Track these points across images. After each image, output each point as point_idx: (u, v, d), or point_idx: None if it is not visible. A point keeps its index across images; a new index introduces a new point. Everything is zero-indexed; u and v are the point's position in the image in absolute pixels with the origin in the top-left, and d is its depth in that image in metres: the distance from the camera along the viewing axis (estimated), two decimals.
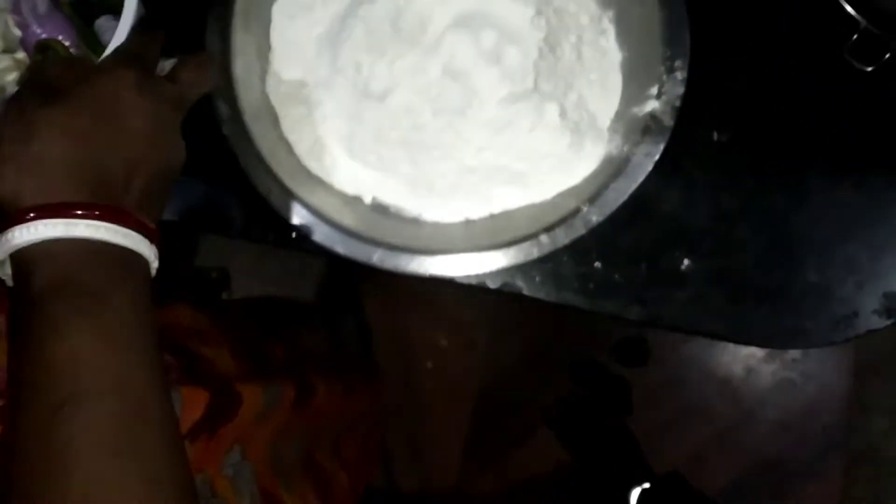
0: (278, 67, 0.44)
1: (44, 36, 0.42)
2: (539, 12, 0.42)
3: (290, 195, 0.42)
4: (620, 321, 0.48)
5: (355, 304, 1.10)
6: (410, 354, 1.09)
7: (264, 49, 0.45)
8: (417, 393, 1.08)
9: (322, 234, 0.42)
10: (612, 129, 0.44)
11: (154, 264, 0.31)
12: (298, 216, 0.41)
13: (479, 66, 0.41)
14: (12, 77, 0.42)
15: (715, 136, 0.46)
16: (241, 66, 0.42)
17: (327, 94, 0.43)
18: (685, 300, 0.45)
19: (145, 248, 0.31)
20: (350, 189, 0.44)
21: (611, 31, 0.45)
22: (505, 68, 0.41)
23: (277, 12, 0.45)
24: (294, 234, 0.43)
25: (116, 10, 0.41)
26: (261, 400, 0.47)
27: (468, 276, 0.43)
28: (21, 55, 0.43)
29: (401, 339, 1.09)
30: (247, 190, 0.42)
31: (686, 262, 0.45)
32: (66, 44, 0.42)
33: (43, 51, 0.42)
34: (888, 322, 0.46)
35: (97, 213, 0.29)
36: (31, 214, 0.28)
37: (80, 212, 0.29)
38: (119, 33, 0.39)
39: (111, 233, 0.29)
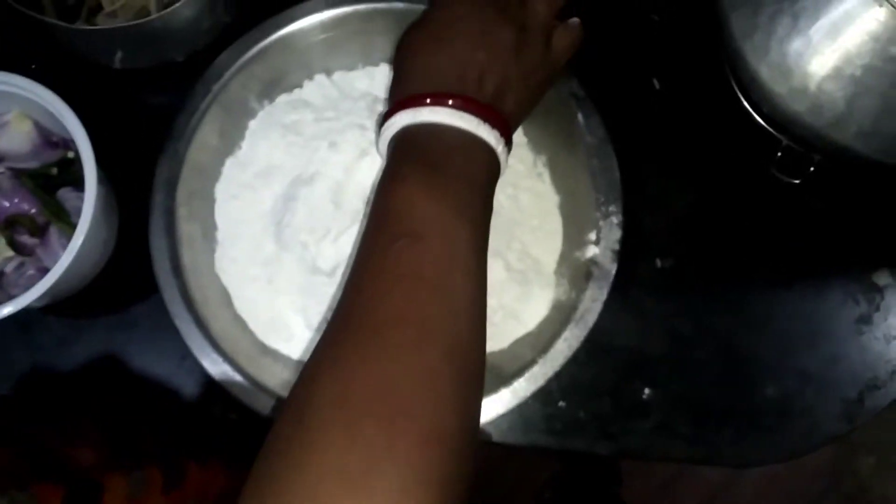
0: (227, 246, 0.45)
1: (11, 210, 0.44)
2: None
3: (247, 377, 0.42)
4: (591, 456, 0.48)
5: None
6: None
7: (210, 229, 0.45)
8: None
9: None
10: (559, 272, 0.45)
11: (498, 148, 0.37)
12: (258, 401, 0.41)
13: None
14: None
15: (658, 263, 0.48)
16: (189, 256, 0.43)
17: (277, 271, 0.44)
18: (650, 429, 0.46)
19: (484, 132, 0.36)
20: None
21: (546, 174, 0.47)
22: None
23: (220, 192, 0.46)
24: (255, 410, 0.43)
25: (75, 183, 0.43)
26: (125, 490, 0.46)
27: None
28: None
29: None
30: (201, 375, 0.42)
31: (647, 391, 0.46)
32: (33, 211, 0.44)
33: (11, 225, 0.44)
34: (850, 427, 0.47)
35: (449, 102, 0.36)
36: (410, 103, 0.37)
37: (428, 101, 0.37)
38: (86, 206, 0.40)
39: (453, 117, 0.36)
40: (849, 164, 0.43)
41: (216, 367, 0.41)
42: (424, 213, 0.34)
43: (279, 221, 0.43)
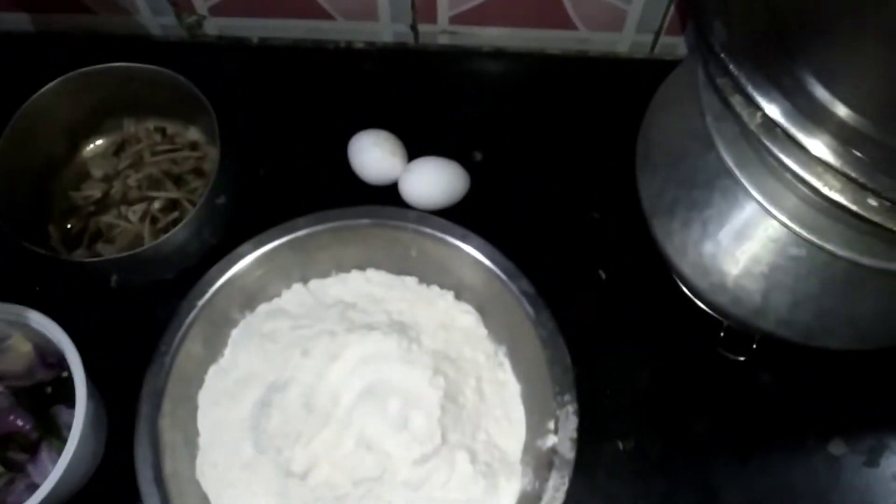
0: (207, 451, 0.47)
1: (7, 428, 0.47)
2: (436, 371, 0.47)
3: None
4: None
5: None
6: None
7: (192, 435, 0.48)
8: None
9: None
10: (524, 461, 0.47)
11: None
12: None
13: (389, 434, 0.45)
14: None
15: (620, 445, 0.50)
16: (171, 463, 0.45)
17: (255, 475, 0.46)
18: None
19: None
20: None
21: (507, 363, 0.50)
22: (413, 432, 0.45)
23: (203, 398, 0.49)
24: None
25: (68, 400, 0.46)
26: None
27: None
28: None
29: None
30: None
31: None
32: (27, 427, 0.47)
33: (5, 442, 0.46)
34: None
35: None
36: None
37: None
38: (76, 422, 0.43)
39: None
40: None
41: None
42: None
43: (256, 426, 0.46)
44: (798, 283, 0.41)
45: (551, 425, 0.46)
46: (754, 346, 0.51)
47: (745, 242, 0.41)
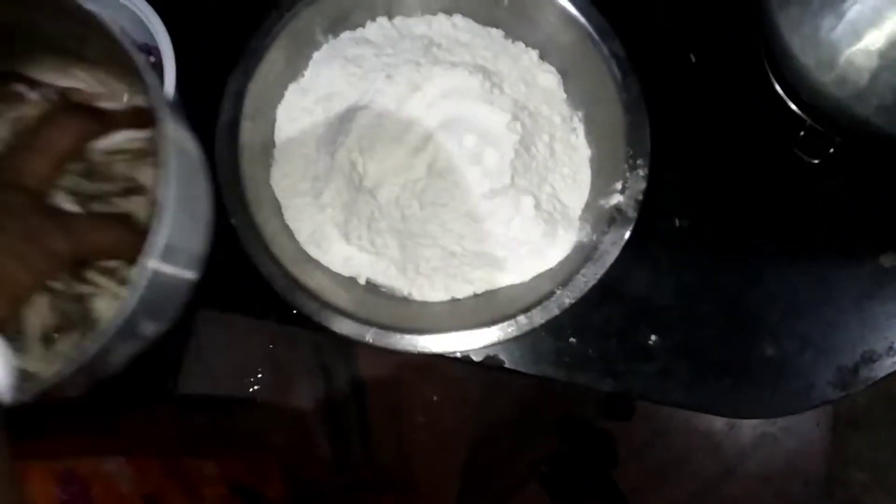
0: (281, 162, 0.49)
1: None
2: (515, 117, 0.47)
3: (291, 279, 0.46)
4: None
5: (349, 358, 1.13)
6: (403, 408, 1.12)
7: (269, 145, 0.49)
8: (409, 446, 1.11)
9: (320, 315, 0.46)
10: (583, 218, 0.48)
11: None
12: (299, 298, 0.45)
13: (461, 166, 0.46)
14: None
15: (677, 222, 0.51)
16: (248, 161, 0.47)
17: (325, 187, 0.48)
18: (653, 373, 0.49)
19: None
20: (345, 271, 0.49)
21: (580, 129, 0.50)
22: (485, 168, 0.46)
23: (281, 113, 0.50)
24: (295, 313, 0.47)
25: None
26: None
27: (454, 352, 0.47)
28: None
29: (394, 393, 1.12)
30: (252, 273, 0.46)
31: (653, 337, 0.50)
32: None
33: None
34: (842, 393, 0.50)
35: None
36: None
37: None
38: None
39: None
40: (867, 144, 0.46)
41: (265, 267, 0.45)
42: None
43: (332, 141, 0.47)
44: None
45: (618, 186, 0.47)
46: (832, 150, 0.51)
47: (870, 15, 0.39)
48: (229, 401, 1.03)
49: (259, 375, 1.06)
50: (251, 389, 1.05)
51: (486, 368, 0.49)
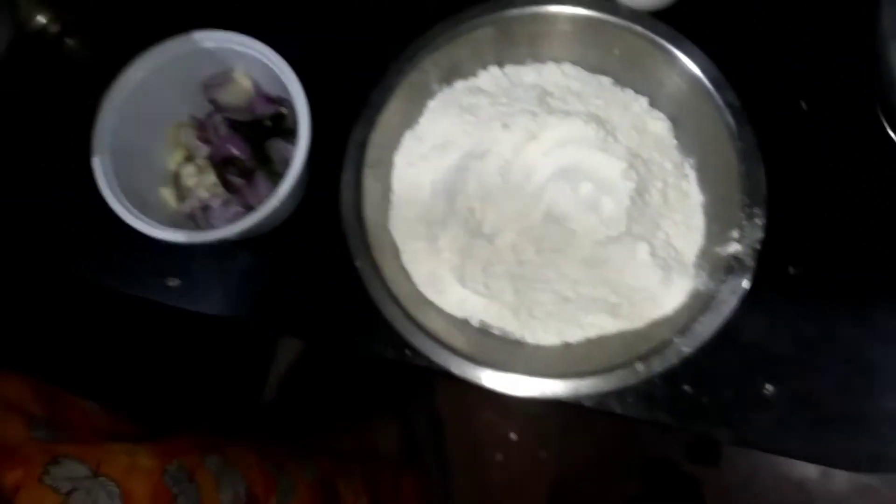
0: (400, 207, 0.51)
1: (224, 153, 0.52)
2: (630, 165, 0.48)
3: (412, 320, 0.47)
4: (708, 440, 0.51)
5: (428, 394, 1.14)
6: (480, 446, 1.12)
7: (387, 191, 0.52)
8: (486, 485, 1.10)
9: (439, 355, 0.47)
10: (698, 265, 0.49)
11: None
12: (419, 339, 0.47)
13: (578, 213, 0.47)
14: (193, 181, 0.52)
15: (790, 270, 0.50)
16: (370, 207, 0.49)
17: (442, 232, 0.49)
18: (769, 423, 0.48)
19: None
20: (459, 313, 0.50)
21: (692, 175, 0.51)
22: (601, 215, 0.47)
23: (399, 160, 0.52)
24: (408, 352, 0.48)
25: (283, 135, 0.51)
26: None
27: (571, 397, 0.47)
28: (201, 162, 0.52)
29: (472, 430, 1.13)
30: (370, 312, 0.47)
31: (769, 387, 0.49)
32: (243, 158, 0.52)
33: (225, 165, 0.52)
34: None
35: None
36: None
37: None
38: (298, 153, 0.47)
39: None
40: None
41: (387, 308, 0.47)
42: None
43: (451, 189, 0.49)
44: None
45: (735, 234, 0.47)
46: None
47: None
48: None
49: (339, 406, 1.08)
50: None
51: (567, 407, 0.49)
